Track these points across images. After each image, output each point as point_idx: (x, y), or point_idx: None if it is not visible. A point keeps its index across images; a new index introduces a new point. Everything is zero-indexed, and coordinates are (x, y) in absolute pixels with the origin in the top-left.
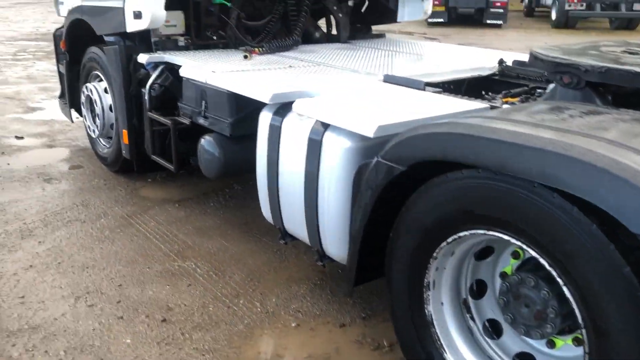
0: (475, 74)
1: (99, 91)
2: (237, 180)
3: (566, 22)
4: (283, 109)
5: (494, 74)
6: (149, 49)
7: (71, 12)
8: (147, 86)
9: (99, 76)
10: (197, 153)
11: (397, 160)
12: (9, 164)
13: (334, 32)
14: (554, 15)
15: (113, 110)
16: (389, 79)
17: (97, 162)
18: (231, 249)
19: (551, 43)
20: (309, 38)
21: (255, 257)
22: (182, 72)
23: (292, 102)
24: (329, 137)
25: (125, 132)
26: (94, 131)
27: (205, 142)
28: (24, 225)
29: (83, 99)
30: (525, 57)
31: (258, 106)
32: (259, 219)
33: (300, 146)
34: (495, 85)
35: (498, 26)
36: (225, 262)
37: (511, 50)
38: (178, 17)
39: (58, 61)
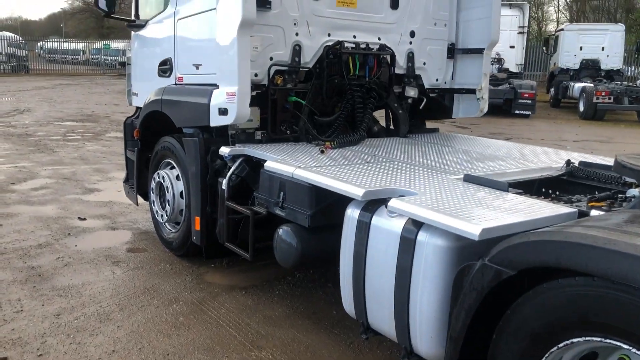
0: (545, 174)
1: (171, 178)
2: (299, 269)
3: (594, 114)
4: (371, 205)
5: (563, 175)
6: (226, 142)
7: (149, 104)
8: (227, 177)
9: (170, 164)
10: (272, 242)
11: (506, 265)
12: (76, 245)
13: (391, 125)
14: (581, 107)
15: (184, 197)
16: (469, 179)
17: (161, 246)
18: (304, 340)
19: (582, 134)
20: (369, 131)
21: (330, 349)
22: (268, 166)
23: (380, 199)
24: (423, 236)
25: (197, 218)
26: (162, 216)
27: (283, 232)
28: (100, 308)
29: (153, 185)
30: (586, 158)
31: (337, 200)
32: (327, 309)
33: (391, 243)
34: (565, 186)
35: (526, 116)
36: (300, 354)
37: (544, 140)
38: (255, 112)
39: (126, 147)
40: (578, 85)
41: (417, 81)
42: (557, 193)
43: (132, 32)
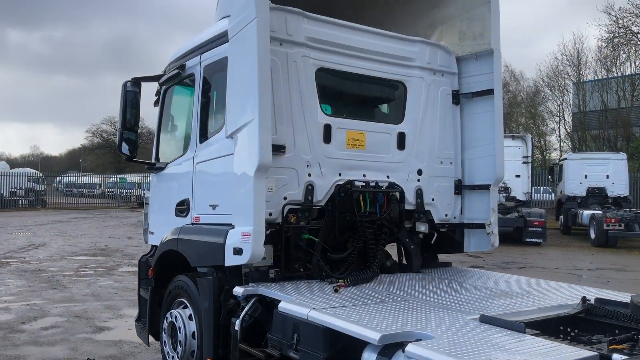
0: (561, 312)
1: (184, 318)
2: None
3: (606, 241)
4: (388, 349)
5: (579, 312)
6: (239, 281)
7: (165, 243)
8: (240, 317)
9: (183, 303)
10: None
11: None
12: None
13: (403, 259)
14: (592, 234)
15: (196, 338)
16: (485, 319)
17: None
18: None
19: (596, 262)
20: (382, 267)
21: None
22: (282, 307)
23: (397, 343)
24: None
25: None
26: (173, 357)
27: None
28: None
29: (165, 325)
30: (602, 294)
31: (352, 342)
32: None
33: None
34: (582, 324)
35: (537, 244)
36: None
37: (557, 269)
38: (268, 250)
39: (140, 286)
40: (587, 213)
41: (427, 216)
42: (575, 331)
43: (152, 174)
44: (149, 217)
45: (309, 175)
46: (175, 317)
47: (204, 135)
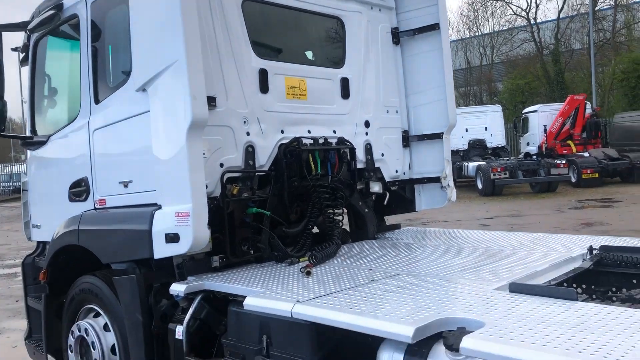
0: (574, 266)
1: (97, 330)
2: None
3: (493, 190)
4: (418, 345)
5: (593, 265)
6: (170, 275)
7: (60, 237)
8: (185, 322)
9: (94, 310)
10: None
11: None
12: None
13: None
14: (479, 185)
15: (117, 353)
16: (517, 289)
17: None
18: None
19: (492, 211)
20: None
21: None
22: (250, 304)
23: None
24: None
25: None
26: None
27: None
28: None
29: (72, 340)
30: (599, 241)
31: (346, 337)
32: None
33: None
34: (598, 277)
35: None
36: None
37: (459, 221)
38: None
39: (27, 294)
40: (472, 165)
41: (377, 174)
42: (593, 287)
43: (29, 152)
44: (30, 207)
45: (248, 134)
46: (86, 329)
47: (99, 94)
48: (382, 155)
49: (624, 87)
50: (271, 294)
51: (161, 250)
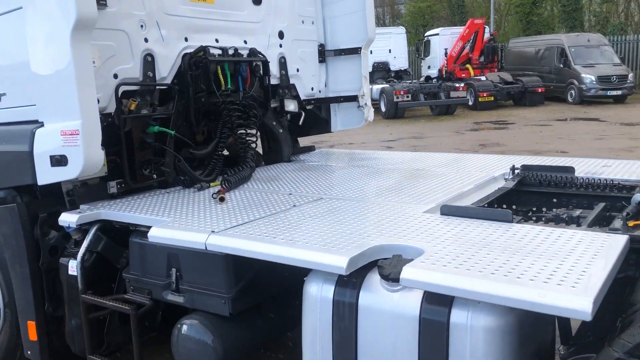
0: (496, 186)
1: None
2: None
3: (396, 113)
4: (349, 276)
5: (517, 184)
6: (60, 203)
7: None
8: (80, 256)
9: None
10: (172, 344)
11: None
12: None
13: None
14: (383, 107)
15: (0, 294)
16: (448, 211)
17: None
18: None
19: (396, 133)
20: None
21: None
22: (156, 236)
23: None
24: (462, 316)
25: (32, 324)
26: None
27: (190, 328)
28: None
29: None
30: (519, 160)
31: (265, 267)
32: None
33: (404, 331)
34: (519, 197)
35: None
36: None
37: (364, 143)
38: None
39: None
40: (376, 87)
41: (292, 92)
42: (514, 207)
43: None
44: None
45: (146, 40)
46: None
47: None
48: (298, 70)
49: (519, 13)
50: (181, 223)
51: (46, 175)
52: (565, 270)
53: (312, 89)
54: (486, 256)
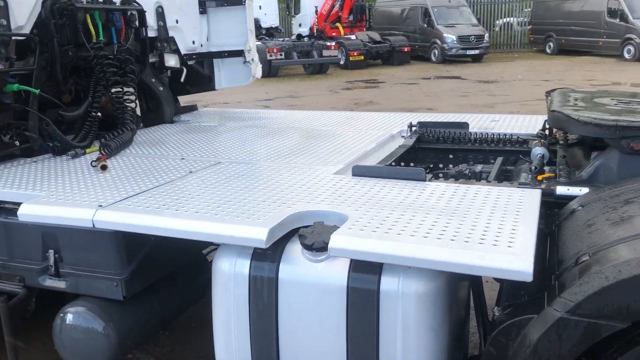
0: (396, 144)
1: None
2: None
3: (269, 71)
4: (267, 249)
5: (416, 142)
6: None
7: None
8: None
9: None
10: (54, 336)
11: (611, 316)
12: None
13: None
14: None
15: None
16: (360, 172)
17: None
18: None
19: (272, 92)
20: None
21: None
22: (28, 213)
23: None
24: (392, 283)
25: None
26: None
27: (77, 317)
28: None
29: None
30: (422, 117)
31: (158, 244)
32: None
33: (330, 304)
34: (417, 154)
35: None
36: None
37: (240, 102)
38: None
39: None
40: None
41: (171, 46)
42: (412, 164)
43: None
44: None
45: None
46: None
47: None
48: (177, 22)
49: None
50: (59, 198)
51: None
52: (495, 230)
53: (194, 42)
54: (412, 219)
